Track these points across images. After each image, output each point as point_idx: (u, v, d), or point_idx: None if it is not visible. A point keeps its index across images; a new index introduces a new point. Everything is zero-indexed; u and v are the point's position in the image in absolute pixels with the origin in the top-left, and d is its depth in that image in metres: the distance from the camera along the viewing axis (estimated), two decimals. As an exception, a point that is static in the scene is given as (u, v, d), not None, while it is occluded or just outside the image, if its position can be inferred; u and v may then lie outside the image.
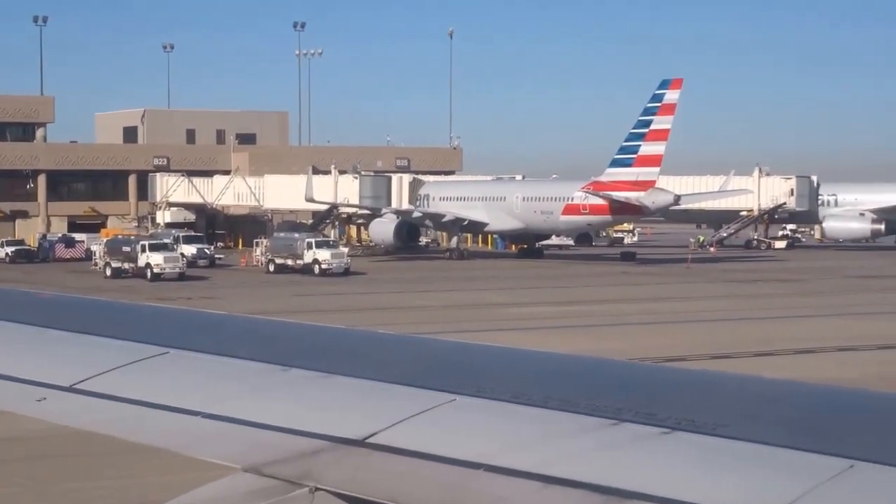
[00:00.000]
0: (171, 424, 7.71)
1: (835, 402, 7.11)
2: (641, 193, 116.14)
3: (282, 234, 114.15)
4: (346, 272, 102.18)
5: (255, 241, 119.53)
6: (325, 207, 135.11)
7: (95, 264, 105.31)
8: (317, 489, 6.53)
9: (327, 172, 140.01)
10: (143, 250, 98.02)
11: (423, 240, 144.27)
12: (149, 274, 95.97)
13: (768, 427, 6.30)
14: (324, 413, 7.37)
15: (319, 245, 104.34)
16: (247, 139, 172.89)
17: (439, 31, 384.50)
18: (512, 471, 6.14)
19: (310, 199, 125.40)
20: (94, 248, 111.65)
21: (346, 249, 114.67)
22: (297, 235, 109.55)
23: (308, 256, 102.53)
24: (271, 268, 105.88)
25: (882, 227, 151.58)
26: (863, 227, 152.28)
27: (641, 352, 48.75)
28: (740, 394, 7.34)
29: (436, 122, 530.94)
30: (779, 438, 6.04)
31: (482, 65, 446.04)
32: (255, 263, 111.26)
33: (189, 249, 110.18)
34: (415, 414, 7.00)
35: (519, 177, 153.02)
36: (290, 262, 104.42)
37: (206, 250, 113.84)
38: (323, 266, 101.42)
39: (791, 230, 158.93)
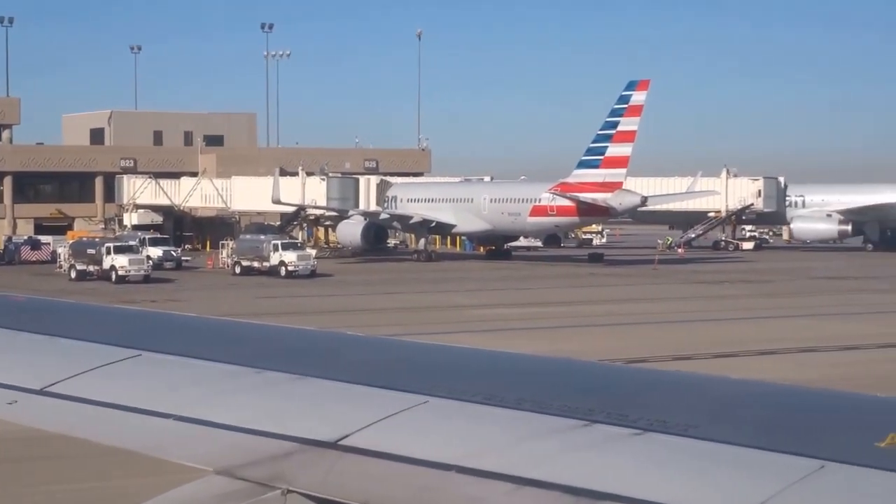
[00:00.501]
0: (144, 427, 7.72)
1: (805, 403, 7.16)
2: (608, 195, 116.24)
3: (248, 237, 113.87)
4: (313, 274, 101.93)
5: (221, 243, 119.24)
6: (292, 209, 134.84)
7: (60, 266, 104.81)
8: (289, 491, 6.56)
9: (295, 174, 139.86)
10: (108, 252, 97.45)
11: (392, 241, 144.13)
12: (114, 276, 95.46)
13: (739, 428, 6.33)
14: (296, 415, 7.38)
15: (286, 247, 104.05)
16: (215, 141, 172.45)
17: (408, 33, 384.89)
18: (484, 472, 6.17)
19: (276, 201, 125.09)
20: (59, 250, 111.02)
21: (312, 251, 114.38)
22: (263, 237, 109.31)
23: (274, 258, 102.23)
24: (237, 270, 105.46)
25: (849, 228, 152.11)
26: (830, 228, 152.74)
27: (603, 353, 48.65)
28: (711, 395, 7.35)
29: (404, 123, 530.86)
30: (750, 439, 6.08)
31: (451, 66, 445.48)
32: (221, 265, 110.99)
33: (155, 252, 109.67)
34: (387, 416, 7.02)
35: (487, 178, 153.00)
36: (256, 264, 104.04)
37: (172, 252, 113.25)
38: (289, 268, 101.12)
39: (749, 230, 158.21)
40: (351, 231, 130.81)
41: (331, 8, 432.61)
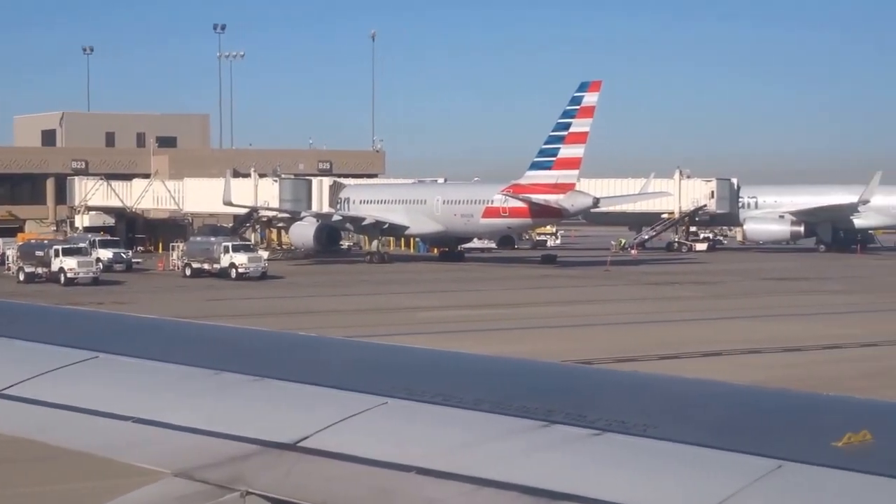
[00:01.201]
0: (101, 429, 7.66)
1: (763, 403, 7.18)
2: (561, 196, 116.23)
3: (198, 238, 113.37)
4: (264, 276, 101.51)
5: (171, 245, 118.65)
6: (245, 211, 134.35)
7: (8, 269, 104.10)
8: (248, 493, 6.54)
9: (248, 176, 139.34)
10: (57, 255, 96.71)
11: (345, 243, 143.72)
12: (62, 278, 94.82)
13: (698, 428, 6.34)
14: (255, 417, 7.37)
15: (236, 249, 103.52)
16: (167, 142, 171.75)
17: (362, 34, 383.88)
18: (443, 473, 6.17)
19: (228, 203, 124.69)
20: (7, 252, 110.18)
21: (264, 253, 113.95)
22: (213, 239, 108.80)
23: (225, 260, 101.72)
24: (188, 272, 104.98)
25: (801, 229, 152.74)
26: (782, 229, 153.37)
27: (549, 355, 48.53)
28: (670, 395, 7.38)
29: (359, 125, 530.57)
30: (708, 439, 6.11)
31: (406, 67, 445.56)
32: (171, 268, 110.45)
33: (105, 254, 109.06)
34: (346, 417, 7.00)
35: (441, 179, 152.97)
36: (206, 266, 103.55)
37: (122, 254, 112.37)
38: (240, 270, 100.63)
39: (693, 232, 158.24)
40: (303, 233, 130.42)
41: (285, 9, 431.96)
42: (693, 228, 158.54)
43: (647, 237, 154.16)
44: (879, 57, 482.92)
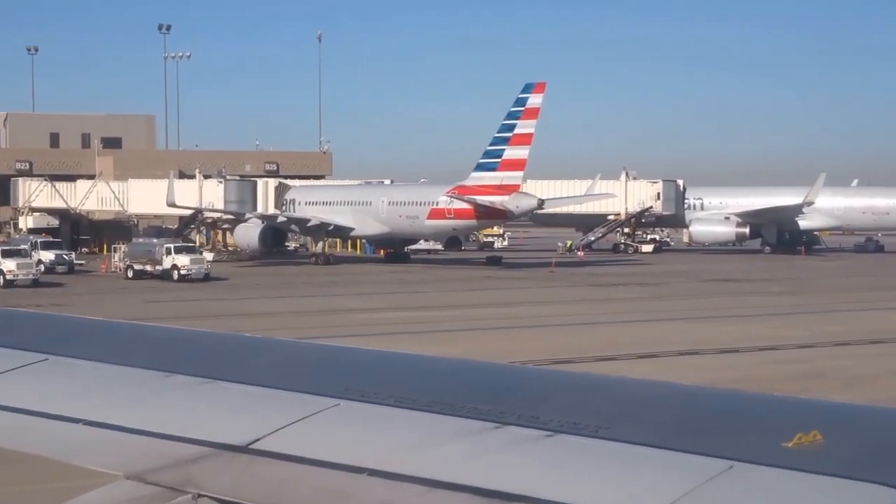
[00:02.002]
0: (51, 432, 7.58)
1: (714, 404, 7.18)
2: (505, 197, 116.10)
3: (140, 240, 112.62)
4: (206, 277, 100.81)
5: (113, 246, 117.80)
6: (189, 212, 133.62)
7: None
8: (200, 496, 6.50)
9: (193, 177, 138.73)
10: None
11: (292, 244, 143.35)
12: (1, 280, 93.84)
13: (650, 429, 6.35)
14: (207, 419, 7.31)
15: (178, 250, 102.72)
16: (113, 143, 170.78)
17: (308, 35, 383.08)
18: (396, 475, 6.16)
19: (171, 204, 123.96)
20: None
21: (209, 255, 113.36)
22: (155, 241, 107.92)
23: (167, 262, 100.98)
24: (130, 274, 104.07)
25: (746, 230, 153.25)
26: (728, 230, 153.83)
27: (484, 357, 48.22)
28: (622, 396, 7.37)
29: (306, 126, 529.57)
30: (660, 440, 6.11)
31: (353, 69, 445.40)
32: (114, 269, 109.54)
33: (47, 255, 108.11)
34: (298, 419, 6.98)
35: (388, 181, 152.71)
36: (149, 267, 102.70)
37: (64, 256, 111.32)
38: (182, 272, 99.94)
39: (626, 234, 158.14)
40: (248, 234, 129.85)
41: (231, 10, 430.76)
42: (626, 230, 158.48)
43: (593, 238, 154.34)
44: (824, 59, 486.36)
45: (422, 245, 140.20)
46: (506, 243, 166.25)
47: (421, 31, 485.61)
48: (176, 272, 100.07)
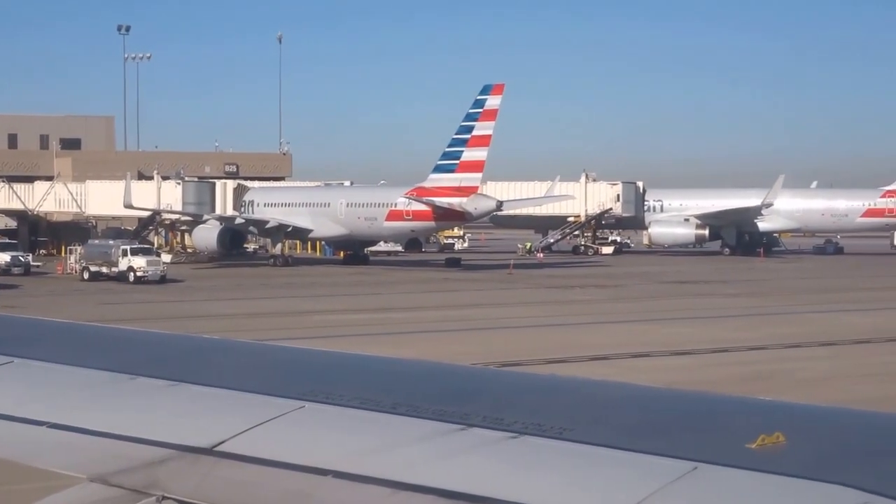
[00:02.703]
0: (15, 435, 7.56)
1: (678, 405, 7.22)
2: (464, 199, 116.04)
3: (96, 242, 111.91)
4: (163, 279, 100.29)
5: (69, 248, 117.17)
6: (147, 214, 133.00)
7: None
8: (164, 498, 6.52)
9: (152, 178, 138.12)
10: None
11: (252, 246, 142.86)
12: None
13: (614, 430, 6.39)
14: (171, 421, 7.31)
15: (134, 252, 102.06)
16: (72, 144, 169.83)
17: (269, 36, 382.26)
18: (360, 477, 6.16)
19: (128, 206, 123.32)
20: None
21: (167, 257, 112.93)
22: (111, 242, 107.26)
23: (123, 264, 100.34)
24: (86, 275, 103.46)
25: (706, 232, 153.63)
26: (687, 232, 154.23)
27: (434, 359, 47.99)
28: (587, 398, 7.40)
29: (267, 128, 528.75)
30: (624, 441, 6.14)
31: (313, 70, 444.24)
32: (69, 271, 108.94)
33: (3, 257, 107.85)
34: (263, 421, 6.97)
35: (347, 183, 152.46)
36: (105, 269, 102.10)
37: (20, 258, 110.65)
38: (138, 273, 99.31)
39: (586, 237, 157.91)
40: (206, 236, 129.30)
41: (192, 11, 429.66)
42: (587, 234, 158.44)
43: (552, 240, 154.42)
44: (782, 61, 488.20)
45: (382, 247, 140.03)
46: (466, 245, 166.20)
47: (382, 32, 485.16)
48: (132, 274, 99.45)
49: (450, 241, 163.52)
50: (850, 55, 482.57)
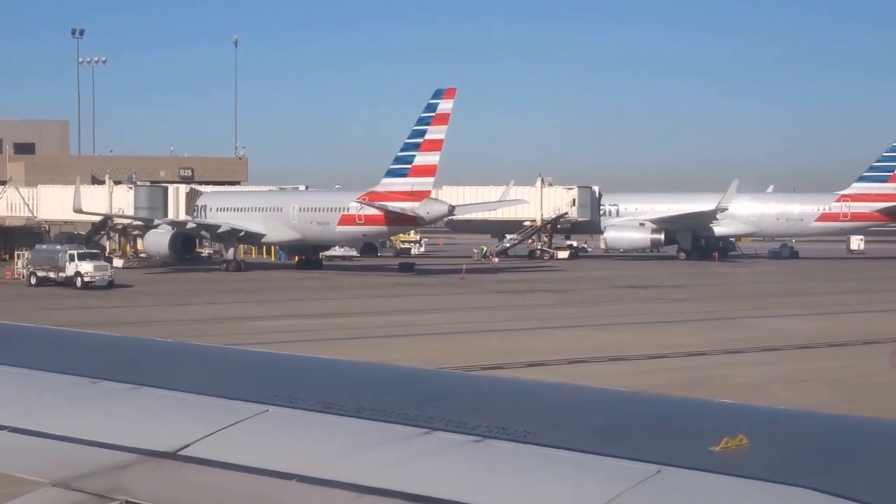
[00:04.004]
0: None
1: (642, 409, 7.27)
2: (416, 204, 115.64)
3: (44, 247, 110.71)
4: (111, 285, 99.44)
5: (17, 253, 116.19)
6: (99, 219, 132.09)
7: None
8: (127, 502, 6.45)
9: (104, 183, 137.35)
10: None
11: (207, 251, 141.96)
12: None
13: (578, 433, 6.42)
14: (135, 426, 7.26)
15: (82, 257, 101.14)
16: (25, 149, 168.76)
17: (225, 41, 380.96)
18: (325, 481, 6.14)
19: (78, 211, 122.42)
20: None
21: (120, 262, 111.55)
22: (58, 247, 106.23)
23: (70, 269, 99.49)
24: (33, 281, 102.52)
25: (661, 236, 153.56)
26: (643, 236, 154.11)
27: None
28: (550, 401, 7.46)
29: (223, 132, 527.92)
30: (588, 444, 6.17)
31: (270, 74, 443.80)
32: (17, 276, 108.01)
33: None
34: (227, 425, 6.95)
35: (302, 187, 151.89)
36: (52, 274, 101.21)
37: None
38: (85, 279, 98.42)
39: (542, 242, 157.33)
40: (158, 241, 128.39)
41: (149, 15, 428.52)
42: (544, 238, 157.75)
43: (508, 245, 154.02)
44: (739, 66, 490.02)
45: (337, 251, 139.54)
46: (423, 249, 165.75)
47: (339, 38, 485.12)
48: (79, 279, 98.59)
49: (406, 245, 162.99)
50: (808, 60, 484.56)
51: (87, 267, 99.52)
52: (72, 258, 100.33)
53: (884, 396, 43.67)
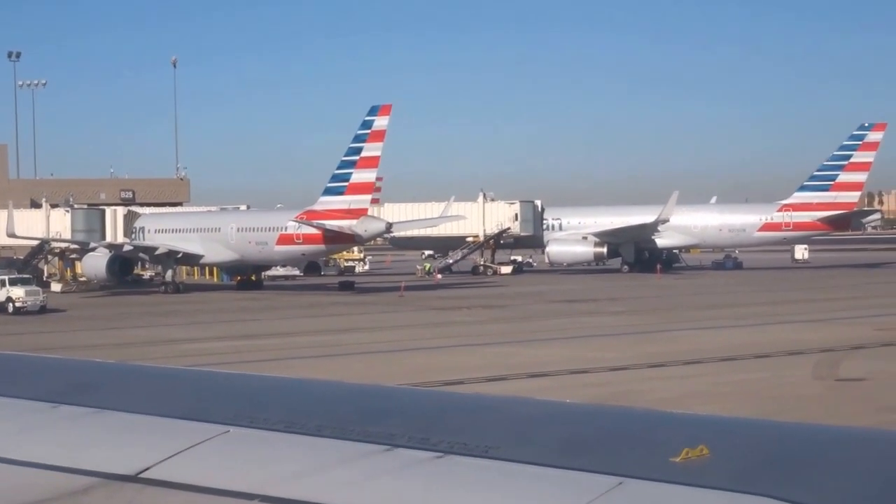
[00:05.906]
0: None
1: (602, 421, 7.24)
2: (353, 221, 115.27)
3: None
4: (43, 310, 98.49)
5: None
6: (35, 243, 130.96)
7: None
8: None
9: (40, 206, 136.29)
10: None
11: (148, 273, 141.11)
12: None
13: (539, 447, 6.36)
14: (94, 449, 7.09)
15: (13, 282, 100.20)
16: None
17: (164, 61, 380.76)
18: (287, 500, 6.06)
19: (11, 235, 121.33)
20: None
21: (58, 286, 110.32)
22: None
23: (1, 294, 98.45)
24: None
25: (604, 250, 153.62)
26: (585, 250, 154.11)
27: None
28: (511, 416, 7.41)
29: (164, 153, 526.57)
30: (549, 458, 6.10)
31: (211, 94, 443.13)
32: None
33: None
34: (188, 447, 6.83)
35: (243, 207, 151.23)
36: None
37: None
38: (17, 304, 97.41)
39: (485, 258, 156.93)
40: (95, 264, 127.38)
41: (88, 37, 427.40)
42: (486, 254, 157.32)
43: (451, 261, 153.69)
44: (680, 77, 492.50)
45: (279, 271, 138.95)
46: (367, 268, 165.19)
47: (280, 59, 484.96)
48: (11, 305, 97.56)
49: (350, 263, 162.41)
50: (751, 69, 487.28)
51: (18, 292, 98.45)
52: (2, 283, 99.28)
53: (800, 408, 43.43)
